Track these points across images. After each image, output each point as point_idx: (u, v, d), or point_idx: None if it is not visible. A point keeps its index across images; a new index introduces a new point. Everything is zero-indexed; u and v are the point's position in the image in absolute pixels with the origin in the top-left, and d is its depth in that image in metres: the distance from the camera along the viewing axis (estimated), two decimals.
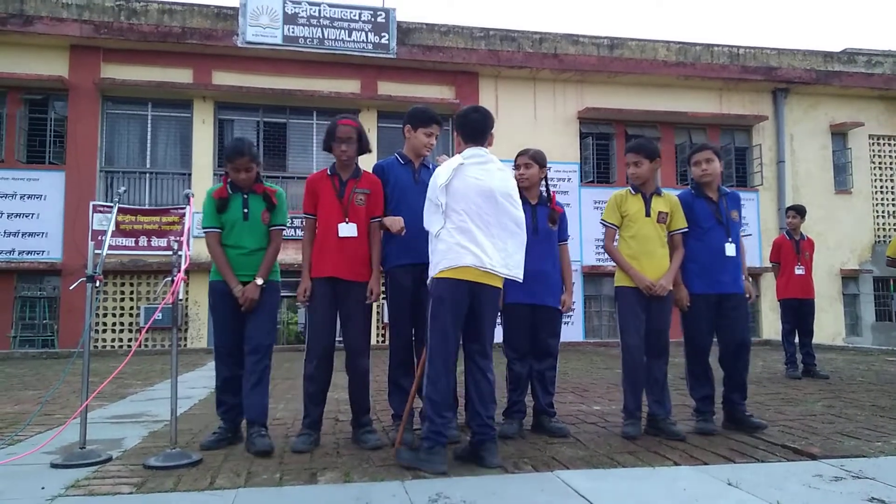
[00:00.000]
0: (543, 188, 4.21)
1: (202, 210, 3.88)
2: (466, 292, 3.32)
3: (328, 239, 3.78)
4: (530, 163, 4.14)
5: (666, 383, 4.09)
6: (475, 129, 3.56)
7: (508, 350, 4.14)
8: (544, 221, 4.12)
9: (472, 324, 3.41)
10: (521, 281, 3.49)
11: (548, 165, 4.24)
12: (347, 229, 3.76)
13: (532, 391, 4.16)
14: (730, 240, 4.22)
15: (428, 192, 3.45)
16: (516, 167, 4.17)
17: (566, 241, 4.26)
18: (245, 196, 3.86)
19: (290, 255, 11.68)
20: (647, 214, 4.09)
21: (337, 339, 3.87)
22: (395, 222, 3.80)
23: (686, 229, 4.20)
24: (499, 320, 3.81)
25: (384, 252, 3.98)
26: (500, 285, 3.47)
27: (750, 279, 4.59)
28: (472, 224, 3.35)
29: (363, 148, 3.90)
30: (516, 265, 3.44)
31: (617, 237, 4.17)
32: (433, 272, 3.37)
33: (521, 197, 4.12)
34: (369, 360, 3.88)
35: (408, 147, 4.06)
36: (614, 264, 4.19)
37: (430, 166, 4.03)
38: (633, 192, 4.16)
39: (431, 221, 3.41)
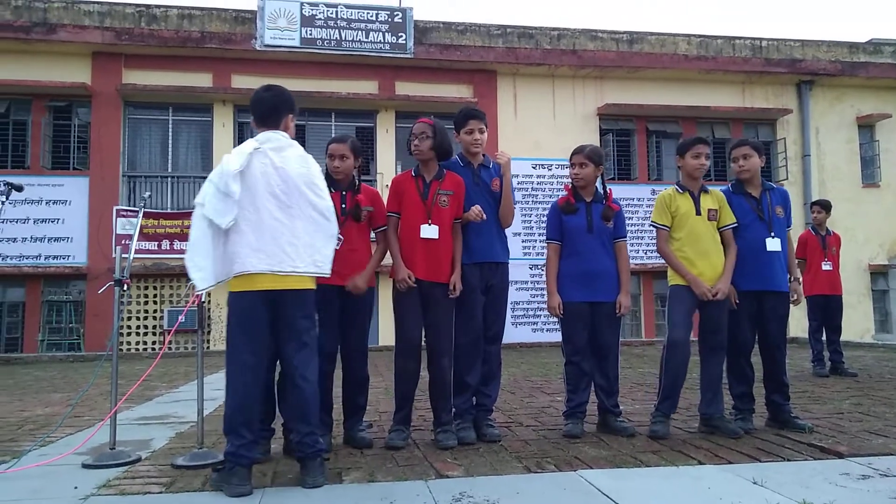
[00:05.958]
0: (599, 185, 4.16)
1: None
2: (262, 302, 3.03)
3: (411, 239, 3.81)
4: (586, 162, 4.05)
5: (719, 382, 4.04)
6: (267, 109, 3.21)
7: (568, 349, 4.07)
8: (599, 219, 4.06)
9: (280, 331, 3.11)
10: (328, 275, 3.21)
11: (604, 164, 4.19)
12: (429, 231, 3.79)
13: (595, 391, 4.11)
14: (772, 235, 4.11)
15: (213, 179, 3.01)
16: (571, 166, 4.12)
17: (624, 238, 4.14)
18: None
19: None
20: (698, 213, 4.03)
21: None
22: (472, 210, 3.83)
23: (735, 224, 4.13)
24: (554, 320, 3.75)
25: None
26: (312, 285, 3.16)
27: (799, 279, 4.46)
28: (268, 219, 3.01)
29: (441, 147, 3.85)
30: (325, 260, 3.15)
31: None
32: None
33: (576, 195, 4.11)
34: (451, 360, 3.85)
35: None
36: (648, 263, 4.13)
37: (491, 165, 4.06)
38: (679, 190, 4.11)
39: (219, 212, 2.96)
